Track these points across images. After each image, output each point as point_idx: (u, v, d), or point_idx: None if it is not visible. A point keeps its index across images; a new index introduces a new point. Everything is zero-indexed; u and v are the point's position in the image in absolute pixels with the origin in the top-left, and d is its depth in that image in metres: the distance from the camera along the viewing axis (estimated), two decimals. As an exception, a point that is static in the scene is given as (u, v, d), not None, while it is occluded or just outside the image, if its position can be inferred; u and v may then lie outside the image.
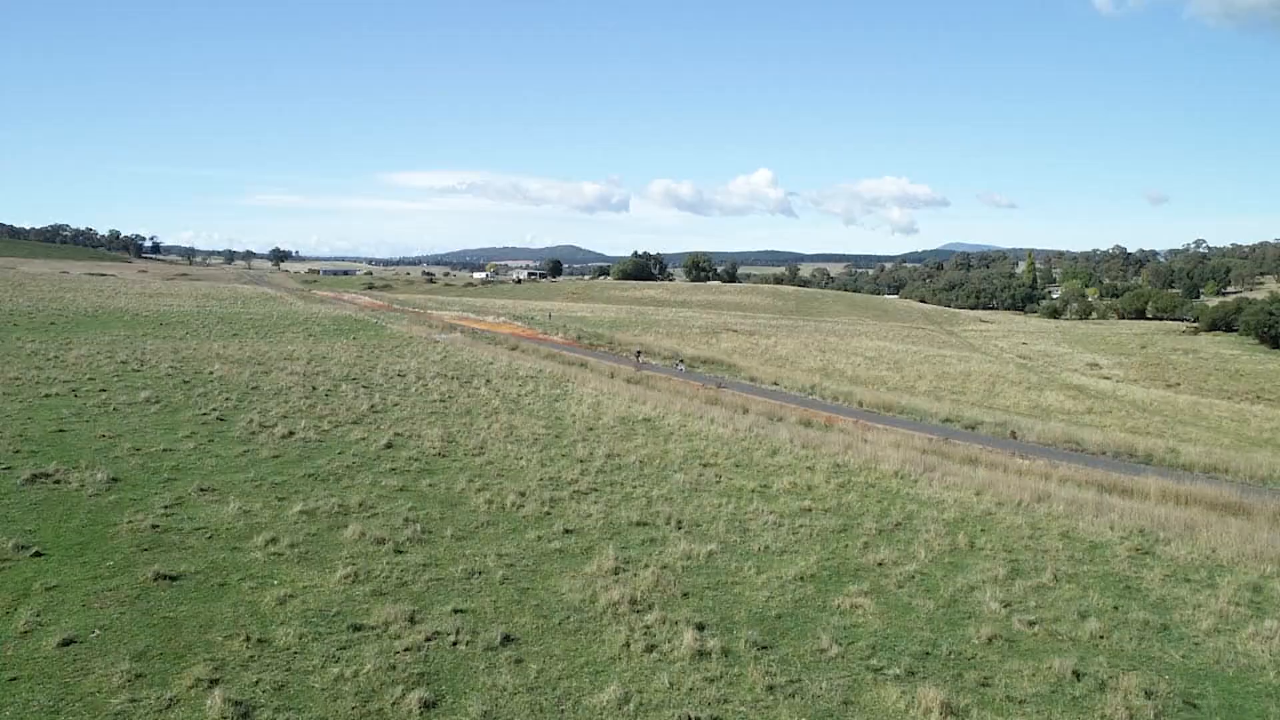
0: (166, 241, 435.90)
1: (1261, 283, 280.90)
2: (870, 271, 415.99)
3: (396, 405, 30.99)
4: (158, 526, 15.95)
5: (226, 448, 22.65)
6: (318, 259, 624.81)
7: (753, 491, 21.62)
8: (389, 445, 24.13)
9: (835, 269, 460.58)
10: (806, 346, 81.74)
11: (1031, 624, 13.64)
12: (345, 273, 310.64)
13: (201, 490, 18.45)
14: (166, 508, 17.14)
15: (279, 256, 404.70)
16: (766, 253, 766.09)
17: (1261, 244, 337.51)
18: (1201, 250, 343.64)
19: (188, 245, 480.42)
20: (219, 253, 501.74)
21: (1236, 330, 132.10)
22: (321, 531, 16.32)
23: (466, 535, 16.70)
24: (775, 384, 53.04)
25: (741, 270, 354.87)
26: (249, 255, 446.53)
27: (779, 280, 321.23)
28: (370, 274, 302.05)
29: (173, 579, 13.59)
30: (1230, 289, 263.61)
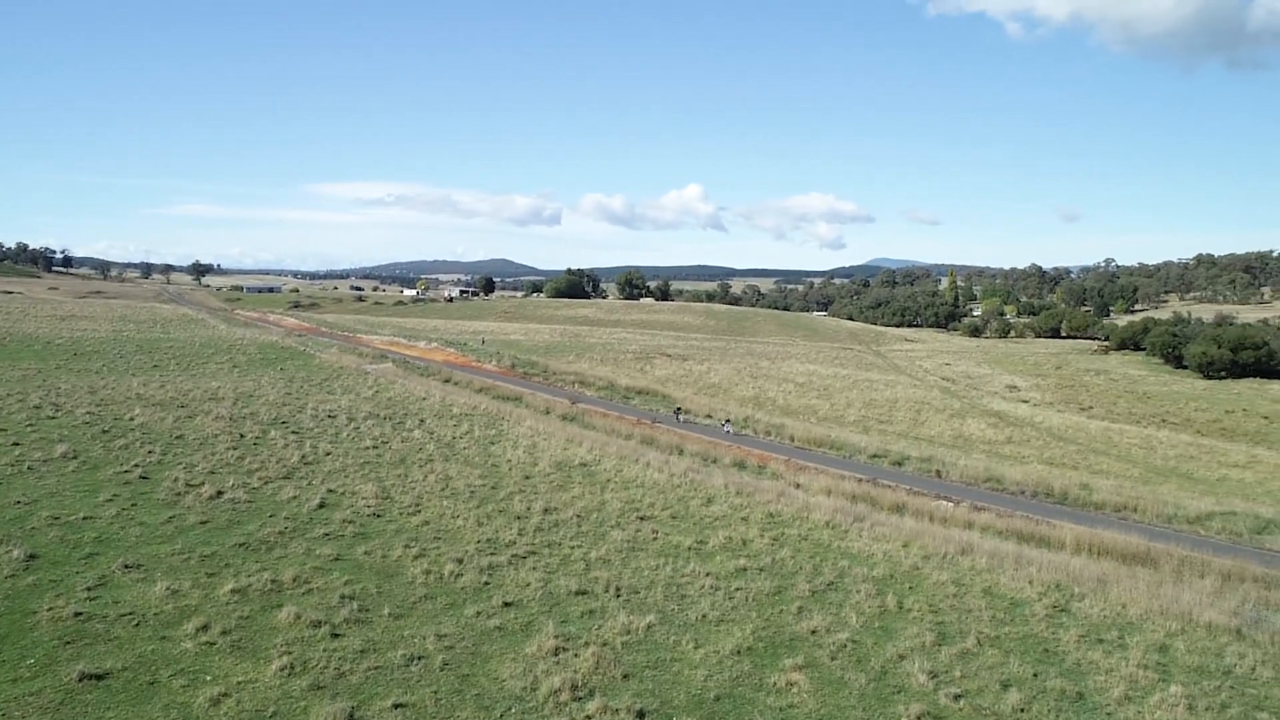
0: (78, 253, 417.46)
1: (1166, 301, 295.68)
2: (800, 288, 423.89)
3: (329, 455, 30.49)
4: (81, 614, 15.45)
5: (151, 513, 22.00)
6: (241, 272, 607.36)
7: (689, 549, 21.95)
8: (322, 505, 23.75)
9: (766, 284, 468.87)
10: (739, 372, 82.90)
11: (957, 698, 14.22)
12: (270, 289, 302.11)
13: (126, 567, 17.90)
14: (89, 589, 16.60)
15: (200, 270, 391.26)
16: (698, 267, 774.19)
17: (1166, 263, 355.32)
18: (1111, 269, 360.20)
19: (101, 257, 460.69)
20: (135, 265, 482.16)
21: (1144, 350, 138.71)
22: (255, 614, 16.02)
23: (405, 613, 16.60)
24: (709, 416, 53.71)
25: (674, 286, 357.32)
26: (168, 269, 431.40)
27: (711, 297, 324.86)
28: (297, 291, 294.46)
29: (99, 678, 13.21)
30: (1138, 307, 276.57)
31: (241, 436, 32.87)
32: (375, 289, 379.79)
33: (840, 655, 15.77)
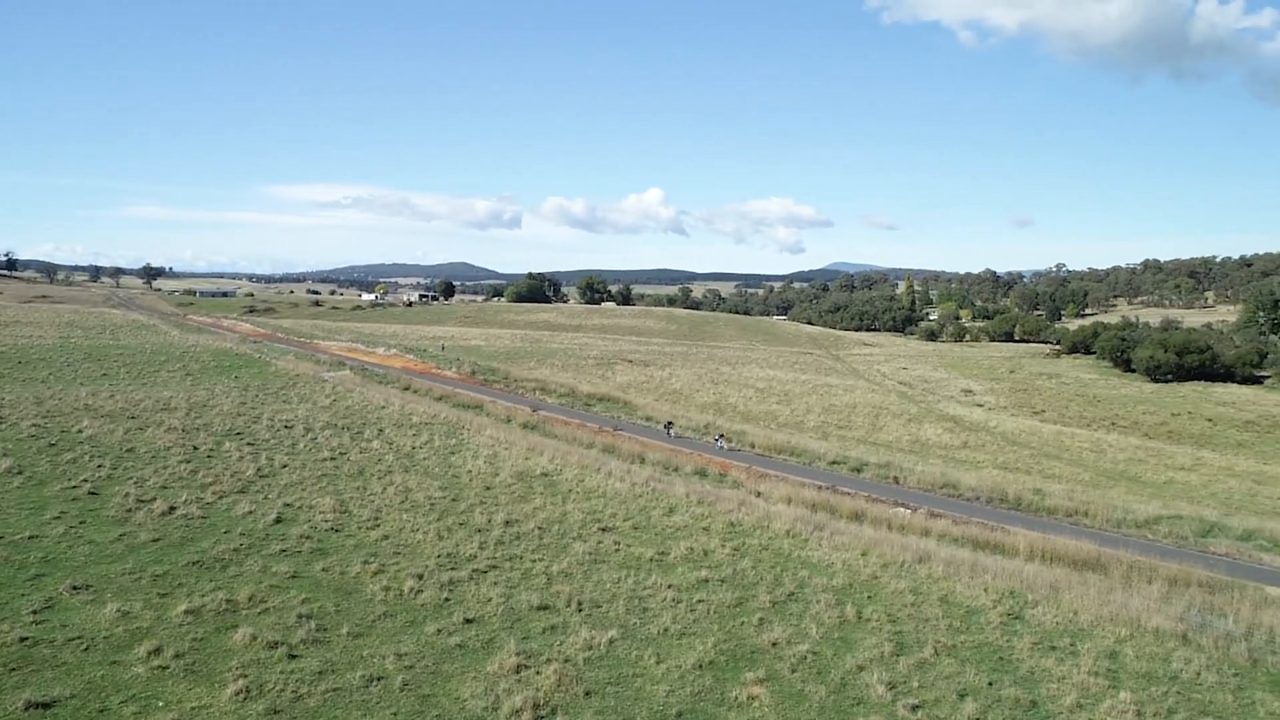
0: (23, 255, 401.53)
1: (1115, 305, 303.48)
2: (760, 292, 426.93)
3: (285, 467, 30.01)
4: (27, 639, 15.02)
5: (101, 530, 21.47)
6: (193, 275, 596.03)
7: (651, 561, 22.00)
8: (278, 520, 23.38)
9: (726, 288, 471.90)
10: (700, 378, 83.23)
11: (915, 709, 14.44)
12: (224, 294, 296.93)
13: (75, 588, 17.45)
14: (35, 613, 16.15)
15: (151, 274, 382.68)
16: (660, 271, 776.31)
17: (1114, 268, 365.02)
18: (1062, 274, 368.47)
19: (47, 260, 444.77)
20: (83, 269, 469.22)
21: (1094, 353, 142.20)
22: (209, 635, 15.72)
23: (364, 632, 16.40)
24: (670, 423, 53.76)
25: (635, 289, 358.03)
26: (117, 272, 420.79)
27: (672, 301, 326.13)
28: (251, 295, 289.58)
29: (46, 707, 12.87)
30: (1088, 311, 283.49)
31: (195, 449, 32.23)
32: (332, 293, 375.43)
33: (801, 667, 15.92)
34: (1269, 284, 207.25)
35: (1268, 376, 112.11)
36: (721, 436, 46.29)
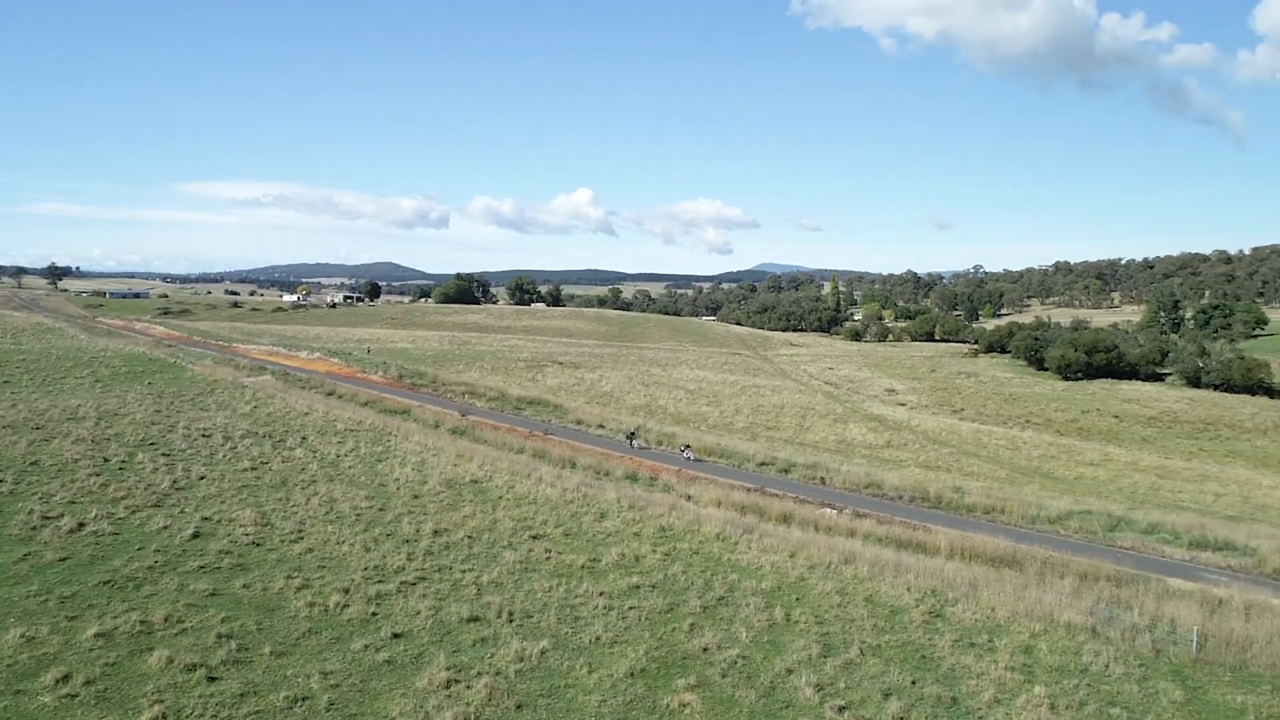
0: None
1: (1029, 306, 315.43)
2: (689, 293, 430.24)
3: (203, 479, 29.02)
4: (-79, 669, 14.23)
5: (3, 550, 20.44)
6: (103, 275, 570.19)
7: (582, 568, 21.99)
8: (196, 535, 22.61)
9: (656, 289, 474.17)
10: (631, 380, 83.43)
11: (842, 710, 14.77)
12: (136, 295, 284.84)
13: (-26, 613, 16.59)
14: (-69, 641, 15.31)
15: (56, 274, 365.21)
16: (590, 271, 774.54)
17: (1028, 270, 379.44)
18: (980, 275, 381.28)
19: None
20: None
21: (1010, 352, 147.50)
22: (122, 660, 15.12)
23: (287, 650, 15.99)
24: (601, 426, 53.77)
25: (565, 290, 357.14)
26: (19, 272, 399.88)
27: (602, 302, 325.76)
28: (166, 297, 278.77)
29: (-57, 742, 12.22)
30: (1004, 311, 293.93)
31: (105, 461, 30.91)
32: (252, 294, 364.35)
33: (731, 672, 16.13)
34: (1169, 285, 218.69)
35: (1169, 374, 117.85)
36: (687, 447, 46.23)
